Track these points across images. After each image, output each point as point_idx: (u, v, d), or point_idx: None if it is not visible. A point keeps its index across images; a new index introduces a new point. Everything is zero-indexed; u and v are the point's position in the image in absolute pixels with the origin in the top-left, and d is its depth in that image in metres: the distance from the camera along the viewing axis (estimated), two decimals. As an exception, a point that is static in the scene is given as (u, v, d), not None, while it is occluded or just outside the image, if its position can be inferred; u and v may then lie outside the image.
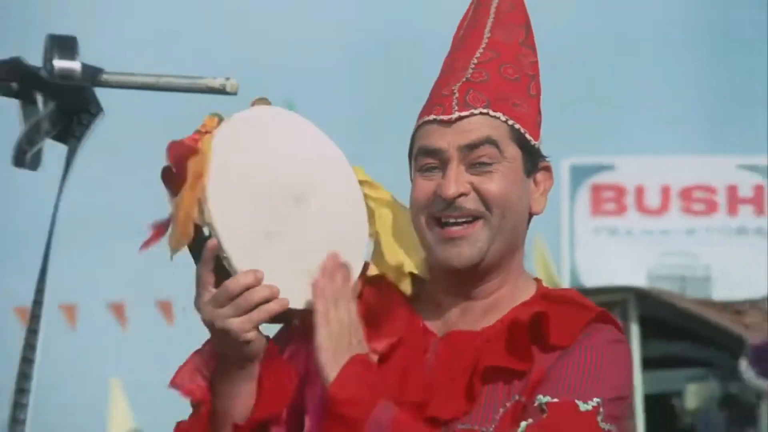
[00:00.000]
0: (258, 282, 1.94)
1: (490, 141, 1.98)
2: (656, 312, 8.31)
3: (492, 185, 1.99)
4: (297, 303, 1.95)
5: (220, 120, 2.00)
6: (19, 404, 1.59)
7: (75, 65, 2.13)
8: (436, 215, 2.00)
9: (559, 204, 11.49)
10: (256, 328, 1.95)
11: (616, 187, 11.95)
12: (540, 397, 1.99)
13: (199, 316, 2.02)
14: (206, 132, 1.99)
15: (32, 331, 1.71)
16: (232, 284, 1.92)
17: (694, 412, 7.80)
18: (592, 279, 10.36)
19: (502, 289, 2.08)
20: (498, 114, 2.00)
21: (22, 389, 1.60)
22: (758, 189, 12.13)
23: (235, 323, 1.94)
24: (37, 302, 1.84)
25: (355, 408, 1.95)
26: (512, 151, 2.00)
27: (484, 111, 1.99)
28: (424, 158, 2.02)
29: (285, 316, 1.98)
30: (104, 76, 2.15)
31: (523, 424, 1.98)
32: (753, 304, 8.27)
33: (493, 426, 2.02)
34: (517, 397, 2.04)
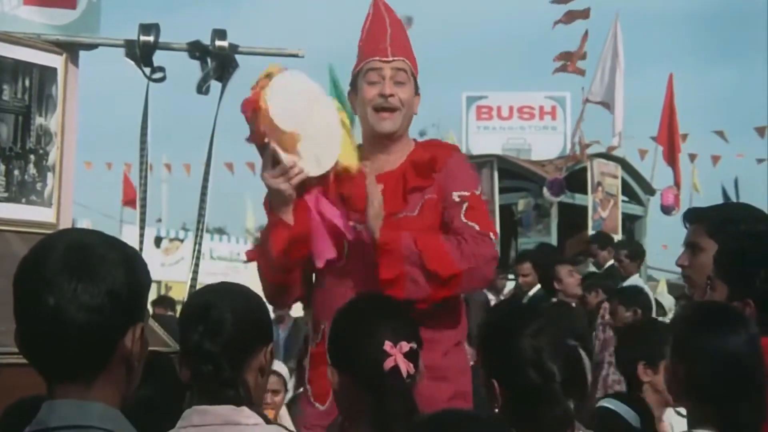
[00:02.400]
0: (294, 165, 2.96)
1: (405, 70, 3.17)
2: (508, 167, 11.85)
3: (404, 93, 3.16)
4: (313, 173, 3.01)
5: (269, 75, 2.97)
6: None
7: (225, 43, 3.87)
8: (377, 106, 3.13)
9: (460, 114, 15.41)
10: (292, 187, 2.97)
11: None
12: (454, 193, 3.07)
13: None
14: (261, 87, 2.94)
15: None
16: (283, 166, 2.95)
17: (522, 213, 11.21)
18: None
19: (402, 147, 3.19)
20: (407, 60, 3.19)
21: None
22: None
23: (285, 186, 2.96)
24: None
25: (396, 243, 2.95)
26: (410, 79, 3.19)
27: (402, 58, 3.18)
28: (372, 76, 3.14)
29: (304, 181, 3.01)
30: (239, 48, 3.91)
31: (464, 207, 3.03)
32: (550, 161, 11.72)
33: (417, 211, 3.09)
34: (427, 196, 3.09)
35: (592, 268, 9.30)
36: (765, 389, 2.23)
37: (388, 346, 2.25)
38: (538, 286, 7.80)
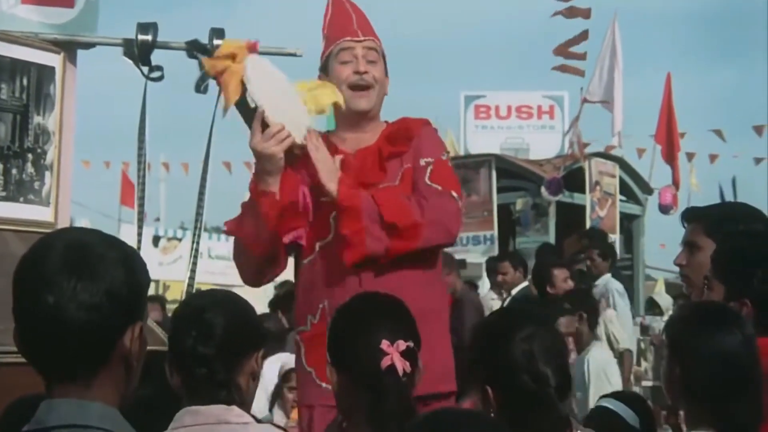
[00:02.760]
0: (283, 128, 3.01)
1: (375, 50, 3.23)
2: (506, 167, 11.92)
3: (377, 72, 3.22)
4: (299, 139, 3.07)
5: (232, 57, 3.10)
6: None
7: (223, 42, 3.89)
8: (352, 84, 3.17)
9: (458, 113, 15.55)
10: (282, 151, 3.02)
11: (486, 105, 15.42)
12: (421, 159, 3.10)
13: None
14: (234, 54, 3.09)
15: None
16: (273, 129, 3.00)
17: (520, 212, 11.25)
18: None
19: (375, 125, 3.23)
20: (376, 40, 3.25)
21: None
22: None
23: (276, 149, 3.00)
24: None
25: (355, 200, 2.99)
26: (380, 58, 3.25)
27: (372, 38, 3.23)
28: (344, 56, 3.18)
29: (292, 147, 3.06)
30: None
31: (428, 170, 3.06)
32: (548, 161, 11.74)
33: (398, 181, 3.10)
34: (406, 165, 3.13)
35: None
36: (762, 389, 2.23)
37: (384, 344, 2.24)
38: (521, 285, 7.80)
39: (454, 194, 3.06)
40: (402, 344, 2.26)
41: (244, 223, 3.11)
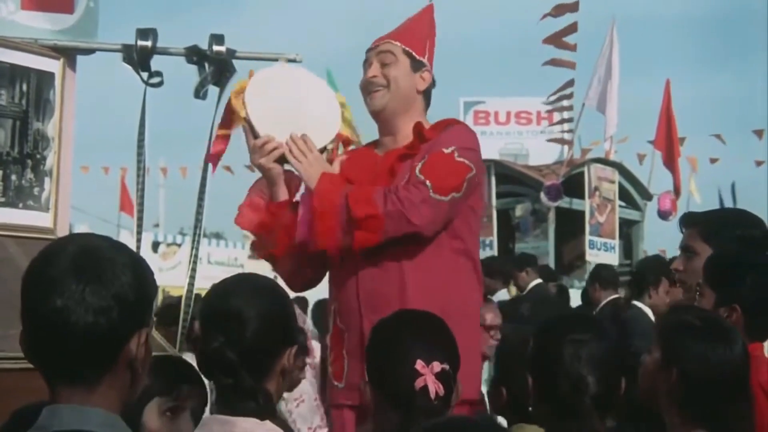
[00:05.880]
0: (270, 140, 3.10)
1: (391, 51, 3.23)
2: (505, 173, 11.76)
3: (393, 71, 3.21)
4: (319, 143, 3.18)
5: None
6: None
7: (222, 48, 3.88)
8: (363, 89, 3.24)
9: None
10: (272, 162, 3.12)
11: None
12: (427, 154, 3.05)
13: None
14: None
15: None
16: (258, 141, 3.13)
17: (519, 218, 11.32)
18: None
19: (407, 126, 3.19)
20: (394, 40, 3.25)
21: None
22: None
23: (262, 161, 3.12)
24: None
25: (326, 198, 3.00)
26: (401, 57, 3.23)
27: (387, 41, 3.25)
28: (364, 67, 3.25)
29: (283, 159, 3.14)
30: (237, 53, 3.92)
31: (422, 162, 3.01)
32: (547, 167, 11.68)
33: (404, 181, 3.02)
34: (415, 164, 3.04)
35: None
36: (751, 400, 2.25)
37: (419, 365, 2.19)
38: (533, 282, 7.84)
39: (428, 183, 2.96)
40: (437, 366, 2.21)
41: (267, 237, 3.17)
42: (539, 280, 8.44)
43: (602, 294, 7.46)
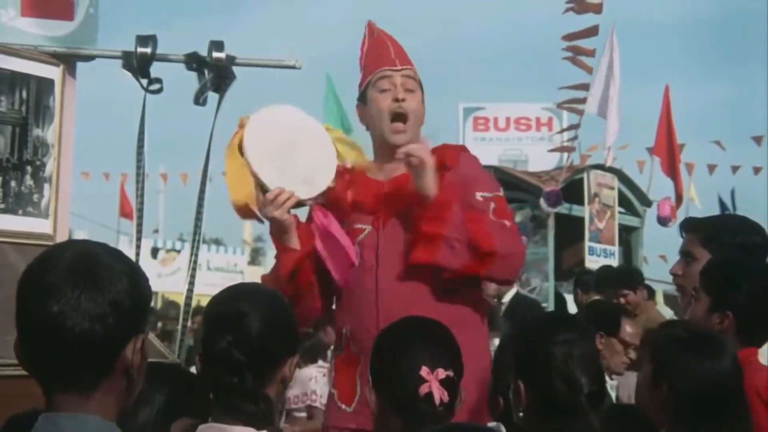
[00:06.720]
0: (281, 192, 3.01)
1: (414, 78, 3.23)
2: (505, 179, 12.07)
3: (414, 102, 3.21)
4: (303, 196, 3.07)
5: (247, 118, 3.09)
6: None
7: (222, 55, 3.89)
8: (392, 113, 3.16)
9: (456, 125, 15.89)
10: (286, 213, 3.05)
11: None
12: (477, 193, 3.07)
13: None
14: (242, 126, 3.09)
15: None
16: (269, 195, 3.02)
17: (519, 224, 11.36)
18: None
19: None
20: (413, 69, 3.26)
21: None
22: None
23: (276, 213, 3.03)
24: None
25: (446, 205, 2.98)
26: (419, 87, 3.24)
27: (409, 67, 3.24)
28: (383, 84, 3.18)
29: (297, 204, 3.09)
30: (237, 60, 3.93)
31: (491, 206, 3.05)
32: (547, 173, 11.77)
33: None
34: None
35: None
36: (747, 408, 2.26)
37: (424, 371, 2.20)
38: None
39: (524, 239, 3.03)
40: (442, 373, 2.21)
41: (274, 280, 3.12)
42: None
43: (585, 298, 7.82)
